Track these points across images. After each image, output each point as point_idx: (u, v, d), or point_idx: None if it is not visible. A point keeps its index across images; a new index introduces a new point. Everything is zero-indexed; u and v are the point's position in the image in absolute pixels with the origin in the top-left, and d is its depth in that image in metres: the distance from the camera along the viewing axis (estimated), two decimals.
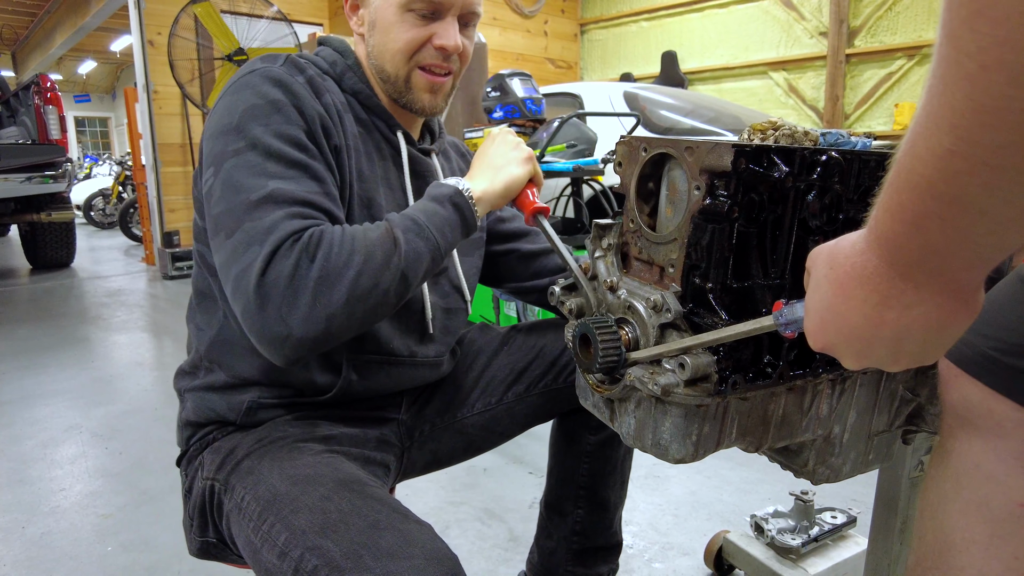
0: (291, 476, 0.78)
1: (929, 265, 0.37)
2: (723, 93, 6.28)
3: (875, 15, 5.28)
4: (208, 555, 0.92)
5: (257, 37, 5.13)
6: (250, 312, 0.71)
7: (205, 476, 0.88)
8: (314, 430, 0.90)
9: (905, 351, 0.41)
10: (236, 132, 0.78)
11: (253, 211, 0.74)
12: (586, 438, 1.20)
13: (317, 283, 0.71)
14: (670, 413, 0.63)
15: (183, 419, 0.96)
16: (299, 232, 0.73)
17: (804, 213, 0.63)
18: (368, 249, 0.75)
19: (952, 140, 0.31)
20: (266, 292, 0.70)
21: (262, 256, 0.71)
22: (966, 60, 0.29)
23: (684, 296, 0.62)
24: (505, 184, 0.90)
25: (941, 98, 0.31)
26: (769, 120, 0.71)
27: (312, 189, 0.78)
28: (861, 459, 0.77)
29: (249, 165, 0.76)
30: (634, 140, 0.67)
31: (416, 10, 0.88)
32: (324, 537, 0.68)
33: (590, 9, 7.48)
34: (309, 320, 0.71)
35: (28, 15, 9.94)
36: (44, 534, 1.72)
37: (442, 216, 0.82)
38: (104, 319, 4.07)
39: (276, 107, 0.80)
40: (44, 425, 2.44)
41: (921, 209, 0.34)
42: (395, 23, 0.89)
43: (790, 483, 1.37)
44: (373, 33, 0.92)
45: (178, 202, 5.64)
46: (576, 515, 1.24)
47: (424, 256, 0.80)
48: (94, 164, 11.74)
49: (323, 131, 0.84)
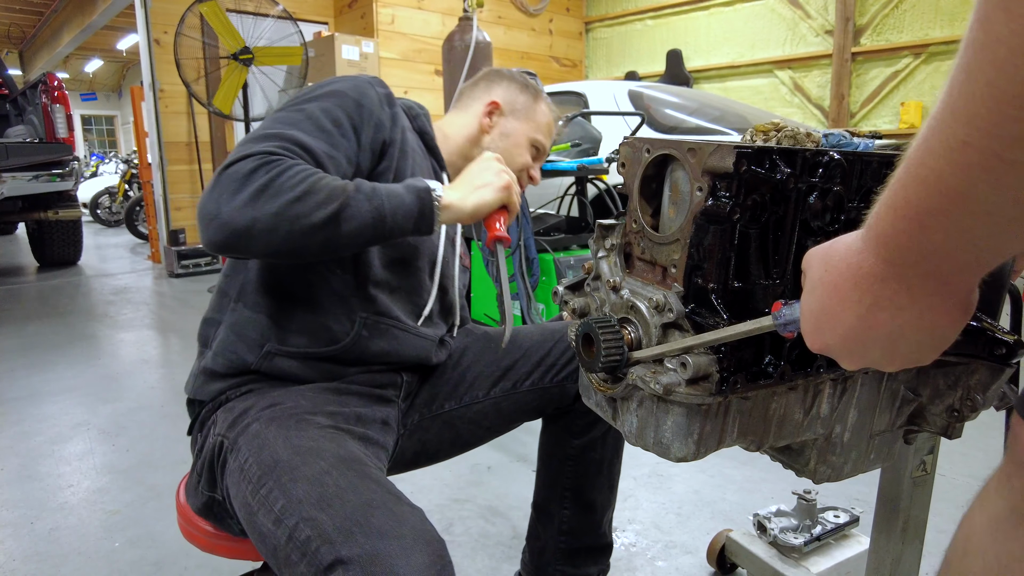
0: (295, 446, 0.82)
1: (925, 267, 0.37)
2: (728, 91, 6.27)
3: (881, 13, 5.26)
4: (211, 514, 0.95)
5: (263, 36, 5.13)
6: (205, 192, 0.81)
7: (217, 432, 0.92)
8: (324, 405, 0.95)
9: (899, 352, 0.41)
10: (299, 102, 0.94)
11: (262, 139, 0.85)
12: (569, 442, 1.24)
13: (260, 188, 0.79)
14: (672, 412, 0.64)
15: (201, 367, 1.00)
16: (276, 154, 0.83)
17: (806, 214, 0.63)
18: (317, 186, 0.82)
19: (968, 131, 0.31)
20: (221, 178, 0.80)
21: (235, 156, 0.82)
22: (996, 45, 0.28)
23: (686, 296, 0.62)
24: (475, 204, 0.96)
25: (963, 87, 0.30)
26: (772, 121, 0.72)
27: (321, 147, 0.89)
28: (862, 458, 0.77)
29: (287, 119, 0.90)
30: (637, 141, 0.68)
31: (535, 147, 1.22)
32: (319, 510, 0.72)
33: (595, 7, 7.47)
34: (238, 213, 0.79)
35: (36, 14, 9.98)
36: (52, 530, 1.74)
37: (402, 200, 0.88)
38: (111, 317, 4.09)
39: (339, 95, 0.95)
40: (52, 422, 2.46)
41: (926, 205, 0.34)
42: (521, 147, 1.20)
43: (793, 482, 1.37)
44: (504, 140, 1.19)
45: (184, 200, 5.66)
46: (563, 516, 1.27)
47: (364, 218, 0.85)
48: (100, 162, 11.78)
49: (375, 126, 0.97)
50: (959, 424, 0.76)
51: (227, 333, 0.99)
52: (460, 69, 3.41)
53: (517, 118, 1.20)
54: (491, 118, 1.19)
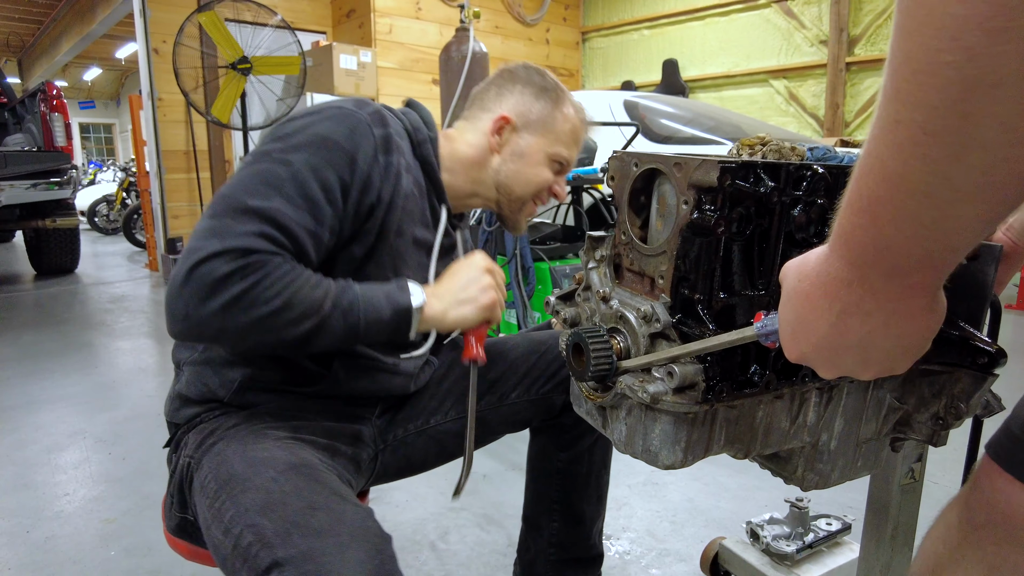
0: (249, 459, 0.82)
1: (884, 265, 0.37)
2: (724, 101, 6.31)
3: (875, 24, 5.31)
4: (184, 533, 0.95)
5: (261, 45, 5.17)
6: (174, 284, 0.77)
7: (186, 455, 0.92)
8: (288, 420, 0.94)
9: (872, 359, 0.42)
10: (288, 146, 0.85)
11: (241, 213, 0.79)
12: (556, 455, 1.23)
13: (233, 299, 0.76)
14: (659, 420, 0.65)
15: (176, 391, 1.00)
16: (254, 251, 0.78)
17: (790, 226, 0.64)
18: (293, 300, 0.79)
19: (896, 107, 0.32)
20: (192, 278, 0.76)
21: (211, 250, 0.76)
22: (905, 18, 0.30)
23: (673, 307, 0.64)
24: (456, 320, 0.95)
25: (889, 65, 0.32)
26: (758, 136, 0.73)
27: (304, 222, 0.83)
28: (850, 466, 0.78)
29: (273, 175, 0.82)
30: (626, 155, 0.69)
31: (557, 161, 1.09)
32: (262, 515, 0.72)
33: (592, 17, 7.53)
34: (207, 320, 0.76)
35: (35, 23, 10.03)
36: (48, 538, 1.74)
37: (379, 316, 0.87)
38: (108, 325, 4.09)
39: (332, 147, 0.86)
40: (48, 430, 2.46)
41: (875, 195, 0.35)
42: (540, 164, 1.08)
43: (787, 490, 1.38)
44: (516, 160, 1.07)
45: (182, 208, 5.67)
46: (552, 528, 1.27)
47: (337, 334, 0.84)
48: (98, 170, 11.80)
49: (364, 187, 0.89)
50: (944, 432, 0.78)
51: (200, 363, 0.98)
52: (457, 79, 3.44)
53: (533, 132, 1.07)
54: (501, 135, 1.07)
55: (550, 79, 1.11)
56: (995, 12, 0.27)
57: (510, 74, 1.11)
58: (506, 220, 1.14)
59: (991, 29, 0.27)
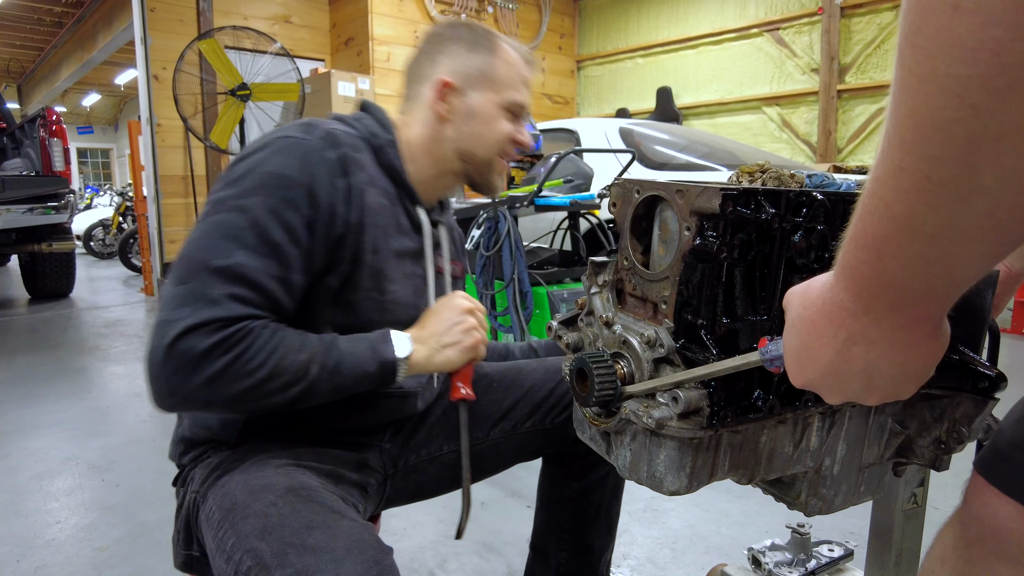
0: (251, 487, 0.82)
1: (889, 297, 0.38)
2: (718, 128, 6.39)
3: (864, 52, 5.42)
4: (191, 568, 0.94)
5: (260, 72, 5.23)
6: (154, 360, 0.75)
7: (192, 490, 0.91)
8: (291, 448, 0.94)
9: (876, 386, 0.43)
10: (242, 190, 0.83)
11: (208, 275, 0.77)
12: (569, 484, 1.22)
13: (217, 374, 0.75)
14: (664, 446, 0.65)
15: (179, 435, 0.99)
16: (232, 320, 0.76)
17: (791, 252, 0.65)
18: (278, 368, 0.79)
19: (901, 156, 0.33)
20: (173, 355, 0.74)
21: (188, 322, 0.74)
22: (908, 75, 0.31)
23: (677, 332, 0.64)
24: (441, 364, 0.95)
25: (892, 116, 0.33)
26: (757, 163, 0.74)
27: (271, 271, 0.81)
28: (853, 491, 0.78)
29: (230, 227, 0.80)
30: (627, 182, 0.70)
31: (511, 110, 1.02)
32: (260, 539, 0.72)
33: (586, 46, 7.65)
34: (193, 396, 0.76)
35: (36, 49, 10.13)
36: (39, 567, 1.71)
37: (366, 372, 0.87)
38: (102, 349, 4.07)
39: (286, 184, 0.83)
40: (40, 456, 2.43)
41: (880, 233, 0.36)
42: (496, 118, 1.01)
43: (788, 515, 1.37)
44: (469, 122, 1.00)
45: (179, 233, 5.68)
46: (560, 558, 1.25)
47: (325, 394, 0.85)
48: (95, 195, 11.82)
49: (329, 217, 0.86)
50: (946, 456, 0.78)
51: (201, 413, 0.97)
52: None
53: (477, 87, 1.00)
54: (445, 101, 1.00)
55: (479, 28, 1.04)
56: (998, 72, 0.27)
57: (436, 36, 1.04)
58: (480, 186, 1.08)
59: (995, 88, 0.28)
